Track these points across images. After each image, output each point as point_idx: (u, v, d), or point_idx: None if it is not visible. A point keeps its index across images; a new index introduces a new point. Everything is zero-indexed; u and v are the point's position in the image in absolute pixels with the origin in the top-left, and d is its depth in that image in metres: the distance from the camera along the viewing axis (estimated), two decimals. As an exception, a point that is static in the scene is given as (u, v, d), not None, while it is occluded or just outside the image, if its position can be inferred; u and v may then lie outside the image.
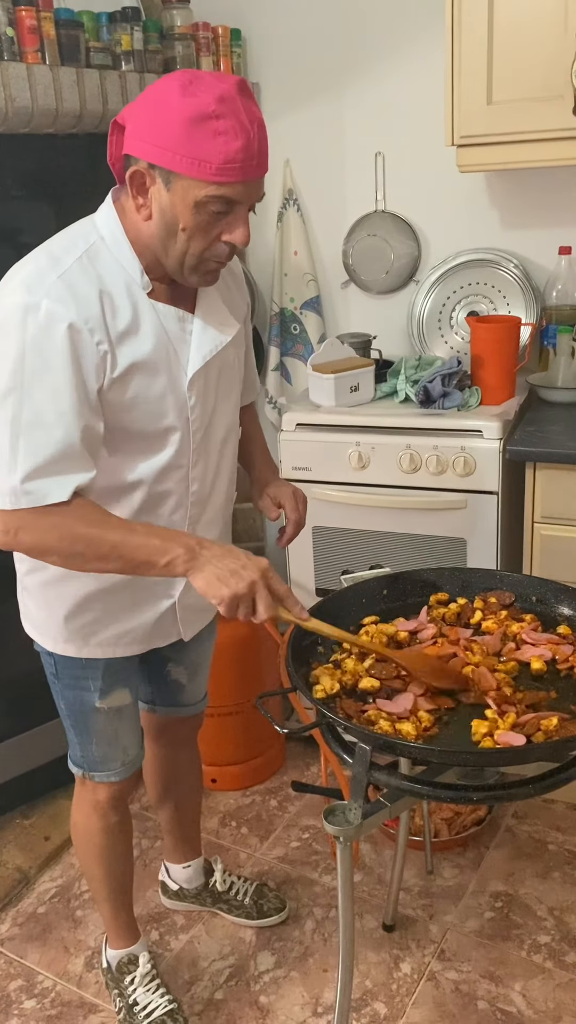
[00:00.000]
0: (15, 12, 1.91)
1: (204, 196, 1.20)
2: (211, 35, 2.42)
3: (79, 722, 1.62)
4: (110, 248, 1.29)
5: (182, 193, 1.21)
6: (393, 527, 2.26)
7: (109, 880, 1.76)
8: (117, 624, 1.52)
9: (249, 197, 1.24)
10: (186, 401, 1.37)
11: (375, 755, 1.25)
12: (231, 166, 1.19)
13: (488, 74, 2.03)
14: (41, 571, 1.49)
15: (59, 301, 1.21)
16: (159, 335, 1.32)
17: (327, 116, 2.56)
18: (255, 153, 1.20)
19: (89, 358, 1.24)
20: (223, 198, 1.21)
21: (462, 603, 1.56)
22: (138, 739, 1.69)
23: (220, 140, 1.17)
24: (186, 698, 1.81)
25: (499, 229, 2.46)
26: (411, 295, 2.58)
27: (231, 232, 1.26)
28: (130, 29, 2.19)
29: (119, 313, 1.27)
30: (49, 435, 1.23)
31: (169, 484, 1.42)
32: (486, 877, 2.14)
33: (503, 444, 2.10)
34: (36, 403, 1.22)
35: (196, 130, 1.17)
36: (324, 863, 2.22)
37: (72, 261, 1.26)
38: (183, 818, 1.99)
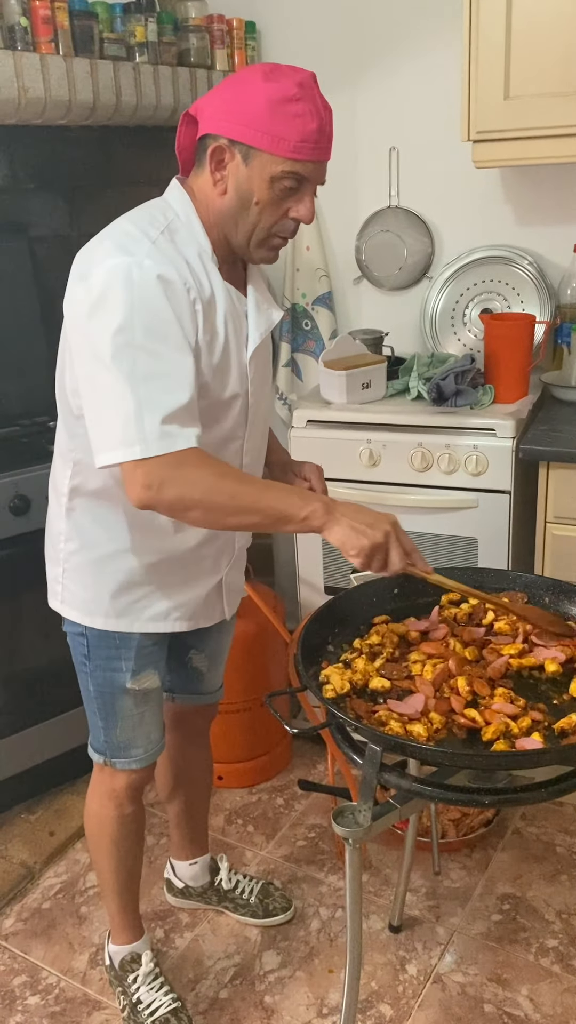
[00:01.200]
0: (29, 2, 1.90)
1: (280, 171, 1.30)
2: (225, 27, 2.41)
3: (106, 704, 1.62)
4: (185, 225, 1.38)
5: (259, 168, 1.31)
6: (404, 525, 2.21)
7: (118, 872, 1.76)
8: (167, 600, 1.55)
9: (317, 176, 1.34)
10: (247, 373, 1.45)
11: (384, 755, 1.23)
12: (306, 145, 1.29)
13: (505, 69, 2.01)
14: (91, 549, 1.52)
15: (159, 261, 1.29)
16: (228, 308, 1.40)
17: (341, 110, 2.50)
18: (327, 136, 1.32)
19: (187, 314, 1.31)
20: (296, 174, 1.31)
21: (474, 603, 1.54)
22: (161, 727, 1.69)
23: (298, 121, 1.28)
24: (205, 686, 1.82)
25: (514, 226, 2.43)
26: (424, 292, 2.56)
27: (298, 208, 1.35)
28: (144, 21, 2.17)
29: (201, 285, 1.35)
30: (168, 384, 1.27)
31: (228, 454, 1.48)
32: (494, 879, 2.12)
33: (516, 443, 2.08)
34: (152, 354, 1.26)
35: (277, 110, 1.28)
36: (330, 862, 2.21)
37: (158, 233, 1.34)
38: (192, 814, 1.98)
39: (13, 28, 1.88)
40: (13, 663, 2.27)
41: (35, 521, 2.13)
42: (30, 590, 2.22)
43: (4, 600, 2.20)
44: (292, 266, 2.65)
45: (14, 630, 2.25)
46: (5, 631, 2.23)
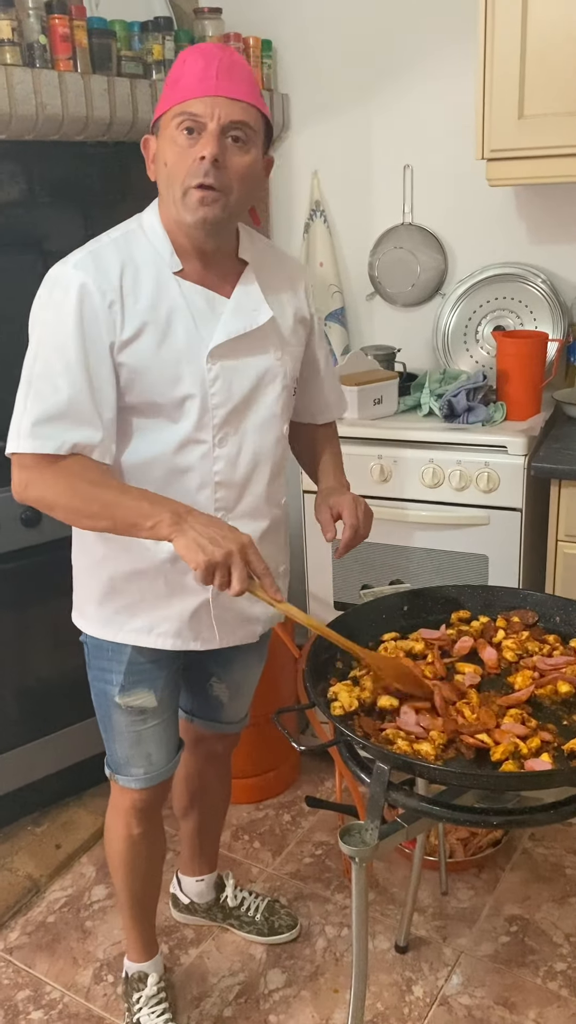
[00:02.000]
0: (48, 20, 1.92)
1: (172, 119, 1.31)
2: (242, 46, 2.42)
3: (104, 717, 1.62)
4: (146, 233, 1.40)
5: (164, 132, 1.33)
6: (414, 542, 2.24)
7: (125, 889, 1.76)
8: (149, 612, 1.52)
9: (214, 114, 1.29)
10: (205, 372, 1.40)
11: (391, 774, 1.22)
12: (190, 84, 1.29)
13: (520, 89, 2.02)
14: (85, 553, 1.54)
15: (81, 268, 1.33)
16: (179, 307, 1.38)
17: (356, 128, 2.56)
18: (214, 73, 1.29)
19: (100, 318, 1.32)
20: (186, 114, 1.29)
21: (484, 621, 1.53)
22: (167, 750, 1.65)
23: (185, 69, 1.31)
24: (225, 716, 1.79)
25: (527, 244, 2.44)
26: (437, 308, 2.56)
27: (199, 148, 1.30)
28: (162, 39, 2.19)
29: (140, 283, 1.36)
30: (54, 386, 1.32)
31: (190, 459, 1.43)
32: (501, 900, 2.10)
33: (528, 460, 2.08)
34: (47, 356, 1.33)
35: (170, 78, 1.32)
36: (337, 880, 2.19)
37: (107, 241, 1.39)
38: (204, 832, 1.97)
39: (32, 46, 1.90)
40: (22, 675, 2.27)
41: (46, 533, 2.14)
42: (40, 602, 2.23)
43: (14, 611, 2.21)
44: (308, 276, 2.66)
45: (24, 641, 2.25)
46: (15, 642, 2.23)
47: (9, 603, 2.19)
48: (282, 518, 1.63)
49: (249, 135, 1.33)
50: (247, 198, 1.37)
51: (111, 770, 1.67)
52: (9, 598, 2.18)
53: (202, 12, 2.38)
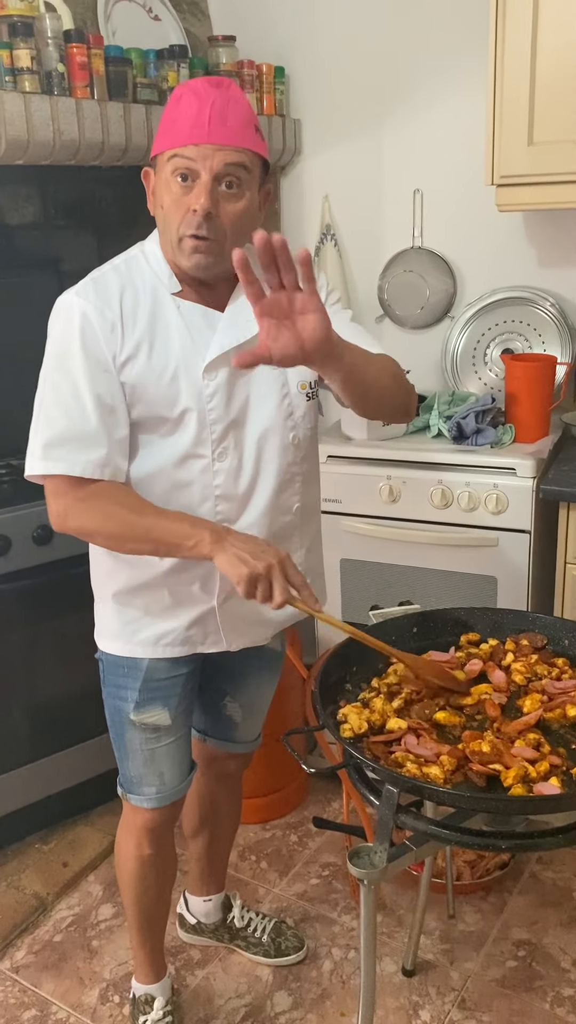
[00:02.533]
0: (67, 49, 1.95)
1: (167, 163, 1.33)
2: (255, 72, 2.46)
3: (118, 735, 1.63)
4: (147, 259, 1.45)
5: (161, 171, 1.36)
6: (423, 563, 2.25)
7: (135, 909, 1.76)
8: (155, 624, 1.54)
9: (207, 163, 1.31)
10: (202, 388, 1.42)
11: (400, 796, 1.23)
12: (183, 130, 1.31)
13: (529, 116, 2.04)
14: (97, 567, 1.58)
15: (83, 295, 1.39)
16: (176, 325, 1.42)
17: (367, 153, 2.59)
18: (206, 119, 1.30)
19: (102, 341, 1.37)
20: (180, 159, 1.32)
21: (493, 644, 1.54)
22: (180, 770, 1.66)
23: (180, 112, 1.32)
24: (238, 735, 1.80)
25: (536, 268, 2.46)
26: (446, 331, 2.58)
27: (195, 199, 1.32)
28: (177, 66, 2.23)
29: (139, 304, 1.41)
30: (62, 409, 1.37)
31: (190, 474, 1.46)
32: (509, 924, 2.09)
33: (536, 483, 2.09)
34: (55, 381, 1.38)
35: (166, 116, 1.35)
36: (344, 902, 2.19)
37: (109, 268, 1.44)
38: (213, 852, 1.97)
39: (51, 74, 1.94)
40: (32, 692, 2.28)
41: (59, 551, 2.15)
42: (51, 619, 2.24)
43: (25, 629, 2.22)
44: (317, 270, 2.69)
45: (35, 659, 2.26)
46: (26, 660, 2.24)
47: (21, 621, 2.20)
48: (295, 524, 1.59)
49: (243, 178, 1.35)
50: (242, 238, 1.38)
51: (123, 789, 1.67)
52: (21, 616, 2.20)
53: (216, 40, 2.42)
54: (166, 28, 2.42)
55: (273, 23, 2.58)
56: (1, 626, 2.18)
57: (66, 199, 2.44)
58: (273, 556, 1.30)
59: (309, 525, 1.64)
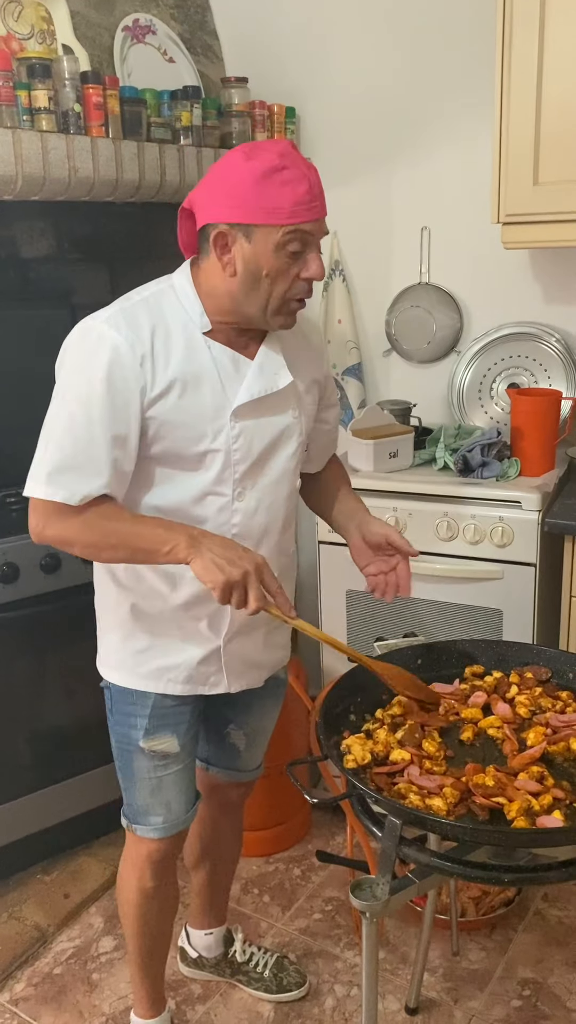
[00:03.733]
0: (83, 89, 2.01)
1: (282, 237, 1.35)
2: (267, 112, 2.52)
3: (125, 764, 1.62)
4: (177, 294, 1.45)
5: (263, 241, 1.35)
6: (428, 595, 2.25)
7: (137, 942, 1.75)
8: (162, 657, 1.55)
9: (318, 234, 1.39)
10: (229, 429, 1.45)
11: (403, 829, 1.23)
12: (300, 207, 1.34)
13: (535, 156, 2.08)
14: (103, 598, 1.58)
15: (113, 326, 1.37)
16: (207, 367, 1.43)
17: (375, 191, 2.64)
18: (318, 194, 1.37)
19: (130, 376, 1.36)
20: (299, 234, 1.35)
21: (498, 676, 1.54)
22: (186, 799, 1.66)
23: (288, 188, 1.33)
24: (242, 763, 1.80)
25: (542, 304, 2.49)
26: (452, 365, 2.61)
27: (307, 268, 1.38)
28: (190, 106, 2.28)
29: (171, 342, 1.41)
30: (74, 437, 1.36)
31: (208, 511, 1.48)
32: (514, 962, 2.06)
33: (542, 516, 2.10)
34: (71, 408, 1.37)
35: (266, 184, 1.33)
36: (347, 937, 2.16)
37: (138, 299, 1.44)
38: (215, 884, 1.96)
39: (67, 113, 1.99)
40: (36, 721, 2.28)
41: (65, 579, 2.17)
42: (56, 648, 2.25)
43: (30, 657, 2.23)
44: (324, 338, 2.72)
45: (39, 688, 2.26)
46: (30, 689, 2.25)
47: (28, 648, 2.21)
48: (289, 566, 1.67)
49: None
50: None
51: (128, 819, 1.67)
52: (28, 643, 2.21)
53: (229, 81, 2.48)
54: (180, 69, 2.48)
55: (284, 65, 2.64)
56: (8, 654, 2.19)
57: (80, 234, 2.49)
58: (249, 562, 1.32)
59: (295, 570, 1.73)
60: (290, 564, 1.68)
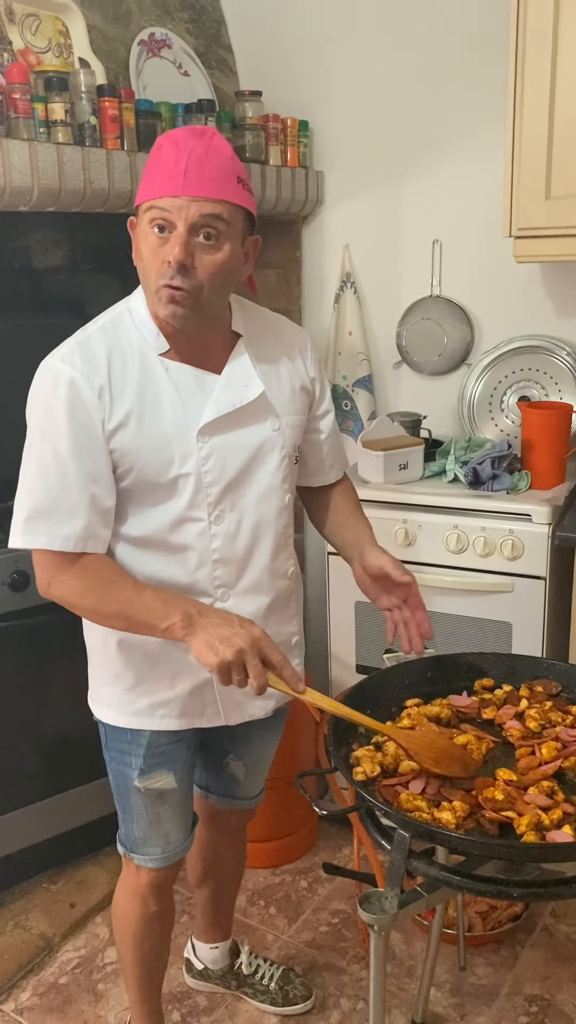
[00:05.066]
0: (99, 102, 2.03)
1: (144, 214, 1.32)
2: (280, 126, 2.53)
3: (122, 798, 1.60)
4: (132, 317, 1.42)
5: (140, 223, 1.35)
6: (438, 607, 2.25)
7: (138, 966, 1.73)
8: (154, 694, 1.51)
9: (182, 214, 1.29)
10: (195, 452, 1.40)
11: (412, 842, 1.22)
12: (159, 181, 1.30)
13: (547, 170, 2.09)
14: (92, 635, 1.55)
15: (68, 362, 1.35)
16: (166, 389, 1.39)
17: (387, 204, 2.65)
18: (183, 171, 1.28)
19: (91, 409, 1.34)
20: (156, 210, 1.30)
21: (507, 690, 1.54)
22: (183, 829, 1.64)
23: (159, 164, 1.31)
24: (241, 792, 1.78)
25: (553, 317, 2.49)
26: (463, 377, 2.61)
27: (170, 251, 1.30)
28: (204, 119, 2.30)
29: (127, 369, 1.38)
30: (45, 481, 1.34)
31: (187, 538, 1.44)
32: (521, 978, 2.05)
33: (552, 529, 2.10)
34: (39, 451, 1.35)
35: (149, 165, 1.33)
36: (353, 951, 2.15)
37: (94, 329, 1.41)
38: (219, 901, 1.96)
39: (83, 126, 2.00)
40: (41, 731, 2.28)
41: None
42: (60, 657, 2.26)
43: (35, 666, 2.23)
44: (334, 349, 2.73)
45: (44, 697, 2.27)
46: (35, 698, 2.25)
47: (34, 657, 2.22)
48: (291, 588, 1.60)
49: (221, 229, 1.31)
50: (222, 289, 1.38)
51: (126, 849, 1.65)
52: (35, 652, 2.21)
53: (243, 94, 2.50)
54: (195, 83, 2.50)
55: (298, 79, 2.66)
56: (17, 662, 2.19)
57: (94, 244, 2.50)
58: (245, 639, 1.26)
59: (301, 591, 1.66)
60: (292, 587, 1.60)
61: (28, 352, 2.42)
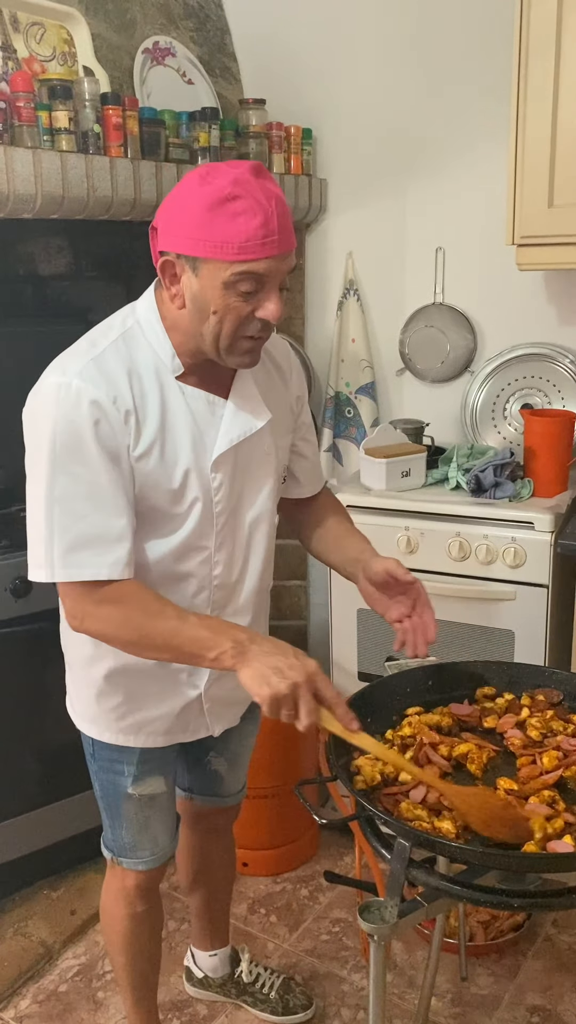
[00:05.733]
0: (103, 110, 2.03)
1: (230, 276, 1.23)
2: (283, 134, 2.54)
3: (111, 806, 1.60)
4: (144, 332, 1.35)
5: (210, 277, 1.24)
6: (440, 615, 2.20)
7: (130, 969, 1.73)
8: (141, 712, 1.51)
9: (276, 272, 1.25)
10: (210, 481, 1.38)
11: (412, 851, 1.22)
12: (252, 243, 1.21)
13: (550, 179, 2.09)
14: (75, 649, 1.52)
15: (88, 380, 1.27)
16: (184, 416, 1.35)
17: (391, 212, 2.66)
18: (275, 229, 1.22)
19: (117, 431, 1.28)
20: (249, 275, 1.23)
21: (509, 699, 1.53)
22: (170, 830, 1.65)
23: (239, 220, 1.21)
24: (225, 789, 1.78)
25: (556, 325, 2.49)
26: (466, 385, 2.61)
27: (263, 308, 1.27)
28: (208, 127, 2.31)
29: (147, 393, 1.32)
30: (81, 510, 1.27)
31: (190, 565, 1.42)
32: (523, 988, 2.04)
33: (554, 537, 2.09)
34: (71, 476, 1.26)
35: (215, 215, 1.21)
36: (354, 960, 2.14)
37: (107, 344, 1.32)
38: (213, 906, 1.95)
39: (87, 134, 2.01)
40: (39, 738, 2.27)
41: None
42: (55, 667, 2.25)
43: (32, 673, 2.23)
44: (337, 356, 2.74)
45: (42, 703, 2.26)
46: (34, 704, 2.24)
47: (35, 663, 2.22)
48: (266, 602, 1.62)
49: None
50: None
51: (113, 853, 1.64)
52: (35, 658, 2.21)
53: (247, 103, 2.51)
54: (199, 91, 2.51)
55: (302, 88, 2.66)
56: (17, 667, 2.19)
57: (97, 252, 2.51)
58: (300, 673, 1.21)
59: (268, 598, 1.65)
60: (267, 600, 1.62)
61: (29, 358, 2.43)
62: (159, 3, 2.47)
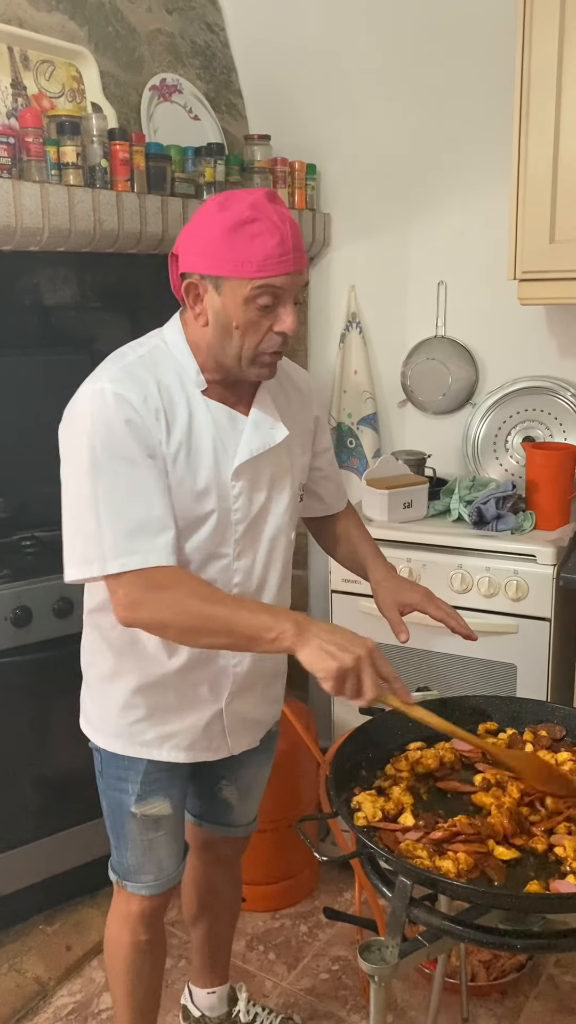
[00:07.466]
0: (110, 146, 2.06)
1: (251, 291, 1.32)
2: (288, 169, 2.57)
3: (116, 825, 1.60)
4: (171, 350, 1.44)
5: (231, 294, 1.33)
6: (441, 647, 2.23)
7: (130, 1000, 1.70)
8: (162, 725, 1.52)
9: (292, 286, 1.35)
10: (229, 491, 1.44)
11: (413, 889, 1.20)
12: (270, 261, 1.31)
13: (551, 215, 2.11)
14: (97, 665, 1.55)
15: (119, 383, 1.36)
16: (208, 425, 1.42)
17: (393, 246, 2.68)
18: (291, 248, 1.33)
19: (150, 426, 1.36)
20: (267, 289, 1.32)
21: (511, 733, 1.52)
22: (176, 855, 1.64)
23: (258, 241, 1.31)
24: (235, 819, 1.77)
25: (558, 359, 2.51)
26: (467, 417, 2.62)
27: (279, 323, 1.36)
28: (214, 162, 2.34)
29: (175, 403, 1.40)
30: (127, 501, 1.33)
31: (211, 572, 1.46)
32: (526, 1031, 2.00)
33: (557, 570, 2.09)
34: (113, 474, 1.33)
35: (235, 237, 1.31)
36: (353, 999, 2.11)
37: (135, 357, 1.42)
38: (215, 940, 1.92)
39: (94, 168, 2.04)
40: (37, 770, 2.25)
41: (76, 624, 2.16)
42: (61, 694, 2.24)
43: (34, 704, 2.21)
44: (340, 388, 2.75)
45: (42, 735, 2.25)
46: (33, 736, 2.23)
47: (35, 693, 2.20)
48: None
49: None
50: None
51: (118, 876, 1.64)
52: (35, 688, 2.19)
53: (252, 139, 2.54)
54: (204, 127, 2.55)
55: (306, 123, 2.70)
56: (17, 698, 2.18)
57: (103, 284, 2.54)
58: (361, 647, 1.26)
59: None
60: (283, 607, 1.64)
61: (34, 389, 2.45)
62: (167, 42, 2.52)
